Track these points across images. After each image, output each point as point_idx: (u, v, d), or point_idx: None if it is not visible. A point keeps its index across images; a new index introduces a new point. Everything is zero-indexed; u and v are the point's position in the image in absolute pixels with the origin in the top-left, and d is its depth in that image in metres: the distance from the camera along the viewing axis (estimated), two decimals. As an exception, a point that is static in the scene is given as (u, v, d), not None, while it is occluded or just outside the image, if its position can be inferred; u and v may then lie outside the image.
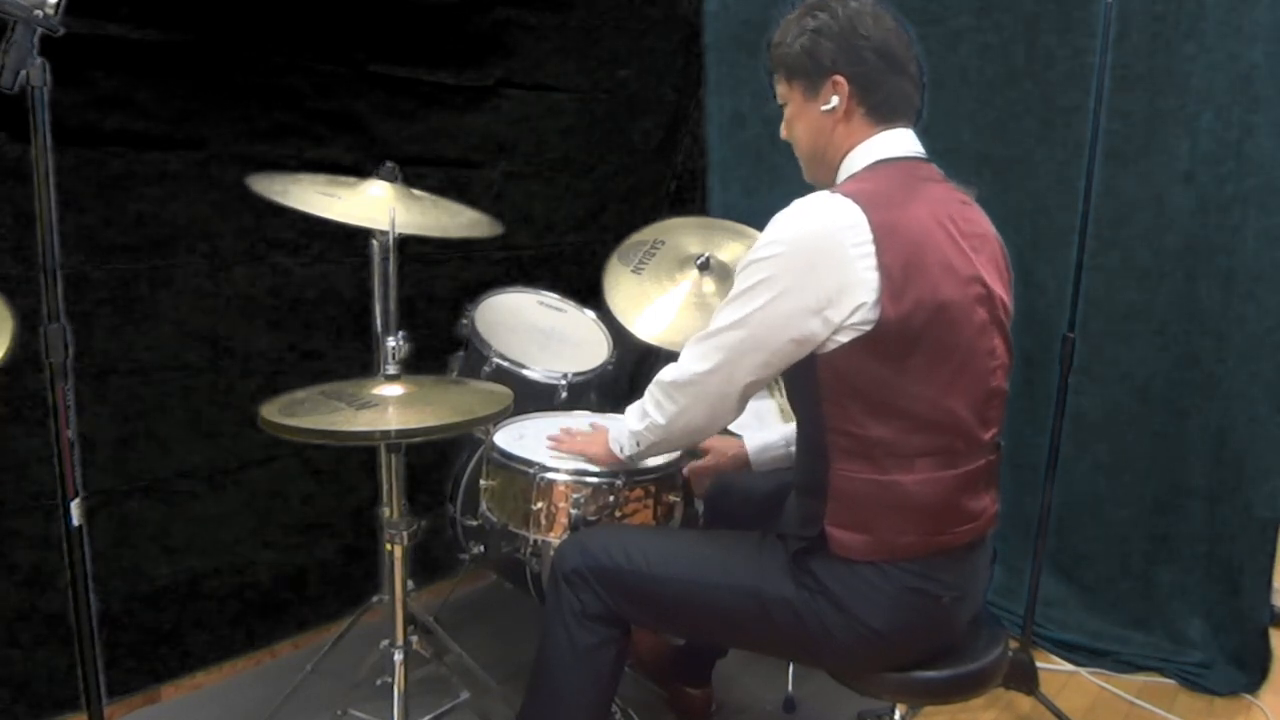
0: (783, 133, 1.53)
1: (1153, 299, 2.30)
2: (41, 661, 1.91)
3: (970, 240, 1.36)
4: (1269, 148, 2.09)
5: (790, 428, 1.63)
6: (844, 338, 1.28)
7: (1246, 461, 2.20)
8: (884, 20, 1.40)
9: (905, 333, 1.26)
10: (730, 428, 1.58)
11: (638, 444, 1.60)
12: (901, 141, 1.42)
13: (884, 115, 1.41)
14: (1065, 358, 2.04)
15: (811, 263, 1.28)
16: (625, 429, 1.61)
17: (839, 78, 1.38)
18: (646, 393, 1.55)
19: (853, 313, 1.26)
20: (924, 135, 1.45)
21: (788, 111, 1.49)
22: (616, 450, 1.64)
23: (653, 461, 1.73)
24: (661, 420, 1.52)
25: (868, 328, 1.26)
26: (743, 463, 1.80)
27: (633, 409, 1.60)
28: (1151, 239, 2.28)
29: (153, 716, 2.07)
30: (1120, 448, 2.39)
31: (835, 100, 1.39)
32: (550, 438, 1.77)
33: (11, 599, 1.87)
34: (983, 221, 1.43)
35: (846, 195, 1.29)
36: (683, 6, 3.03)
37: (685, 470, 1.81)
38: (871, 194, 1.31)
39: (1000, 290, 1.39)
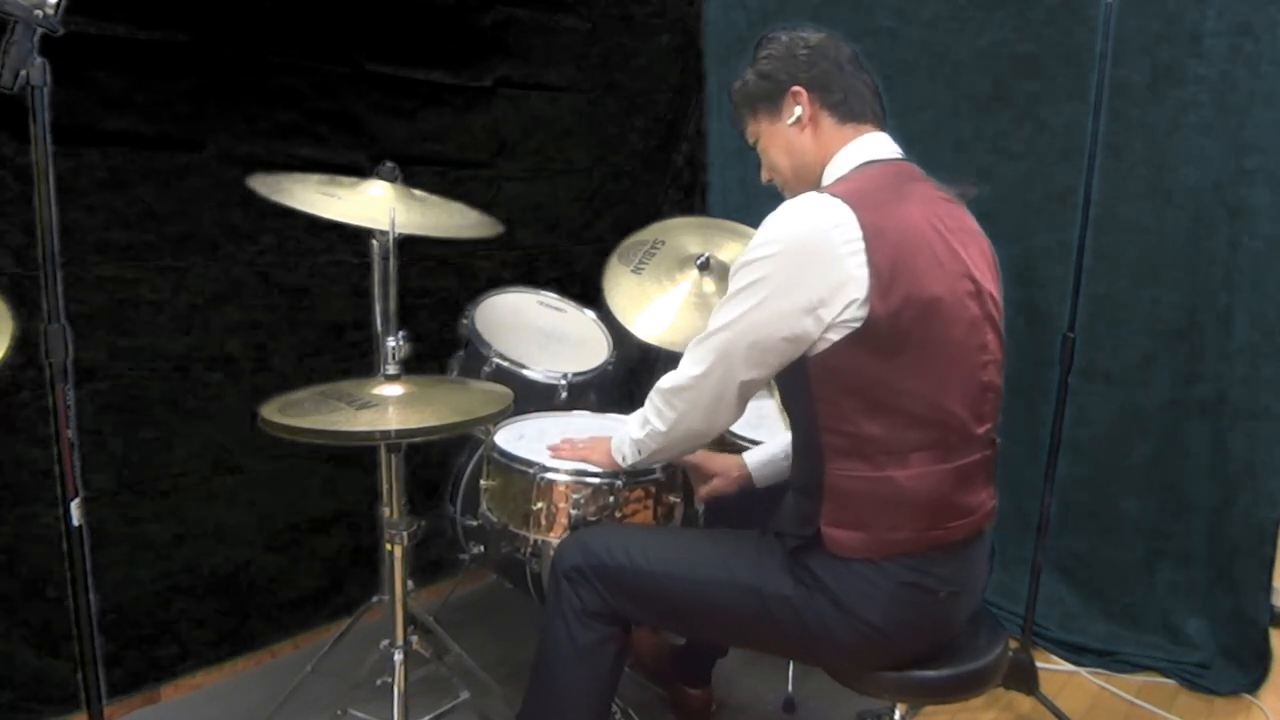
0: (764, 177, 1.57)
1: (1153, 299, 2.30)
2: (41, 661, 1.91)
3: (958, 236, 1.36)
4: (1271, 147, 2.09)
5: (789, 438, 1.63)
6: (835, 335, 1.28)
7: (1246, 461, 2.20)
8: (819, 34, 1.50)
9: (895, 329, 1.27)
10: (732, 428, 1.58)
11: (639, 452, 1.60)
12: (881, 144, 1.45)
13: (849, 114, 1.45)
14: (1065, 358, 2.04)
15: (803, 263, 1.29)
16: (627, 437, 1.62)
17: (796, 87, 1.46)
18: (647, 400, 1.55)
19: (843, 310, 1.27)
20: (926, 135, 1.46)
21: (761, 145, 1.55)
22: (619, 459, 1.64)
23: None
24: (662, 427, 1.52)
25: (857, 325, 1.26)
26: (746, 481, 1.79)
27: (634, 417, 1.61)
28: (1152, 240, 2.28)
29: (153, 716, 2.07)
30: (1120, 447, 2.39)
31: (799, 109, 1.46)
32: (550, 448, 1.78)
33: (11, 598, 1.87)
34: (968, 218, 1.44)
35: (835, 195, 1.31)
36: (683, 6, 3.03)
37: (697, 500, 1.81)
38: (860, 193, 1.32)
39: (990, 285, 1.40)
